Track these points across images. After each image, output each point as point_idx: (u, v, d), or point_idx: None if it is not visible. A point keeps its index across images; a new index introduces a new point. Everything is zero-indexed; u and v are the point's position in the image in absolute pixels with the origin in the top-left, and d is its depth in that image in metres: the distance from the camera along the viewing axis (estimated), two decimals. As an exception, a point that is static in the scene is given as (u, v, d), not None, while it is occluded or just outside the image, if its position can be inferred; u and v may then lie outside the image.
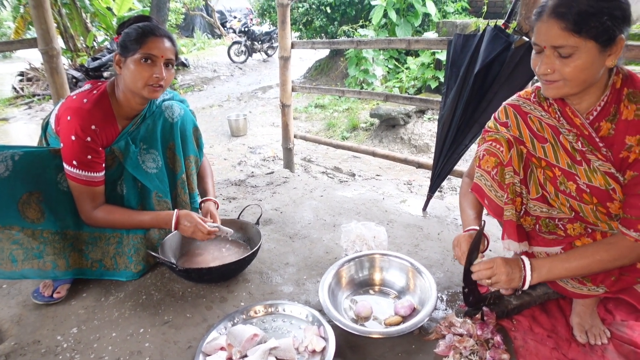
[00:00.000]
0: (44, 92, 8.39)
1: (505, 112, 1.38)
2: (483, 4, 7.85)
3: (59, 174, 1.56)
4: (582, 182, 1.23)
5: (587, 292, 1.34)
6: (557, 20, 1.08)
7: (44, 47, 2.61)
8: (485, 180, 1.36)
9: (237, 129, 6.36)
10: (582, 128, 1.23)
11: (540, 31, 1.13)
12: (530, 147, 1.32)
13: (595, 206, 1.23)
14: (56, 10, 8.39)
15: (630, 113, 1.15)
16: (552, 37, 1.10)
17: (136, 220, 1.66)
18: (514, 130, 1.34)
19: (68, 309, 1.64)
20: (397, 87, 6.77)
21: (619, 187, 1.19)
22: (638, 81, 1.18)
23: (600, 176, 1.20)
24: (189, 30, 18.19)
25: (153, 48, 1.53)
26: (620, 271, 1.28)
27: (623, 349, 1.38)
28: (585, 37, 1.07)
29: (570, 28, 1.07)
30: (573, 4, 1.07)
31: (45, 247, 1.58)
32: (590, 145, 1.22)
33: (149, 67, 1.53)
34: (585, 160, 1.22)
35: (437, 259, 1.94)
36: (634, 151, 1.15)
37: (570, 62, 1.10)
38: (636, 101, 1.15)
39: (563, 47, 1.09)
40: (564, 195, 1.28)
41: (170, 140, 1.79)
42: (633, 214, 1.16)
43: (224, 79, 10.48)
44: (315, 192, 2.77)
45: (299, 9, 8.72)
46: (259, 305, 1.54)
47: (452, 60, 2.25)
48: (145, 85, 1.54)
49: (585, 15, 1.05)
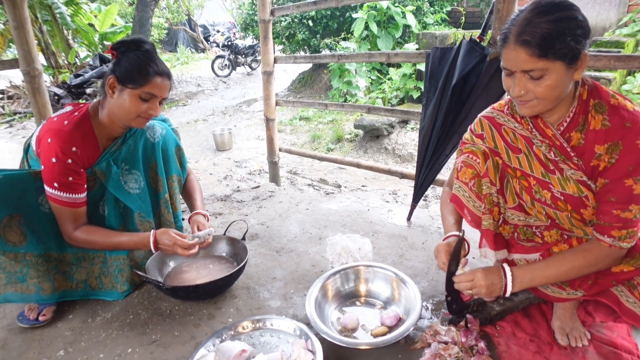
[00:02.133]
0: (25, 109, 8.29)
1: (480, 124, 1.43)
2: (461, 15, 8.03)
3: (40, 196, 1.56)
4: (556, 190, 1.28)
5: (566, 296, 1.39)
6: (523, 47, 1.12)
7: (26, 68, 2.60)
8: (464, 191, 1.40)
9: (223, 143, 6.36)
10: (554, 139, 1.28)
11: (509, 57, 1.17)
12: (506, 158, 1.37)
13: (570, 213, 1.28)
14: (37, 27, 8.33)
15: (598, 123, 1.20)
16: (521, 63, 1.14)
17: (115, 242, 1.64)
18: (489, 141, 1.39)
19: (54, 332, 1.62)
20: (380, 97, 6.86)
21: (591, 194, 1.23)
22: (602, 92, 1.23)
23: (573, 184, 1.24)
24: (172, 45, 18.20)
25: (155, 88, 1.54)
26: (597, 275, 1.32)
27: (603, 349, 1.42)
28: (552, 59, 1.11)
29: (537, 54, 1.11)
30: (535, 30, 1.10)
31: (29, 270, 1.57)
32: (562, 155, 1.27)
33: (145, 103, 1.55)
34: (558, 169, 1.27)
35: (421, 268, 1.97)
36: (603, 159, 1.19)
37: (542, 83, 1.15)
38: (602, 111, 1.20)
39: (533, 70, 1.14)
40: (540, 203, 1.32)
41: (152, 160, 1.80)
42: (605, 220, 1.21)
43: (208, 93, 10.48)
44: (301, 205, 2.79)
45: (282, 22, 8.81)
46: (246, 321, 1.55)
47: (431, 72, 2.30)
48: (136, 117, 1.56)
49: (548, 39, 1.09)
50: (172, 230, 1.67)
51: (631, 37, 5.31)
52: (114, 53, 1.56)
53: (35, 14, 8.15)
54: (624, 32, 5.48)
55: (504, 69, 1.21)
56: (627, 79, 4.97)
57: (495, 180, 1.36)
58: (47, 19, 8.46)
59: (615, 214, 1.19)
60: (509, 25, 1.18)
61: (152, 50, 1.59)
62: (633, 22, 5.58)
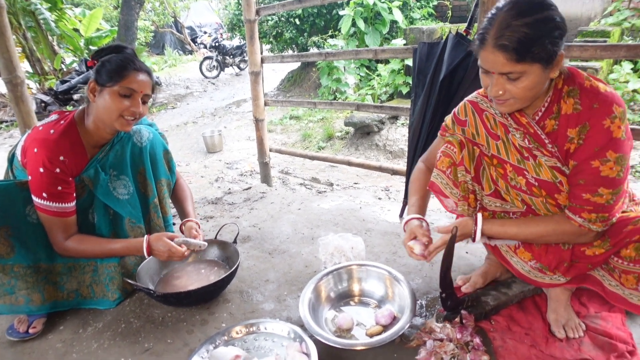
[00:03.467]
0: (11, 118, 8.19)
1: (464, 109, 1.46)
2: (448, 9, 8.04)
3: (27, 207, 1.53)
4: (530, 176, 1.31)
5: (549, 280, 1.41)
6: (501, 52, 1.12)
7: (8, 76, 2.55)
8: (442, 178, 1.45)
9: (213, 145, 6.33)
10: (528, 126, 1.31)
11: (487, 59, 1.17)
12: (485, 145, 1.41)
13: (545, 199, 1.31)
14: (21, 34, 8.24)
15: (569, 107, 1.22)
16: (499, 66, 1.15)
17: (107, 249, 1.63)
18: (472, 127, 1.43)
19: (45, 344, 1.60)
20: (369, 94, 6.85)
21: (565, 179, 1.26)
22: (578, 77, 1.23)
23: (547, 170, 1.27)
24: (159, 47, 18.07)
25: (133, 82, 1.52)
26: (571, 258, 1.34)
27: (598, 340, 1.42)
28: (530, 62, 1.12)
29: (515, 58, 1.11)
30: (513, 34, 1.10)
31: (17, 282, 1.54)
32: (536, 142, 1.30)
33: (126, 99, 1.52)
34: (532, 156, 1.31)
35: (415, 265, 1.96)
36: (573, 142, 1.22)
37: (519, 84, 1.17)
38: (574, 95, 1.22)
39: (511, 73, 1.15)
40: (515, 190, 1.36)
41: (141, 165, 1.78)
42: (577, 203, 1.24)
43: (197, 95, 10.42)
44: (292, 205, 2.78)
45: (268, 22, 8.76)
46: (240, 326, 1.53)
47: (419, 68, 2.30)
48: (119, 117, 1.53)
49: (527, 44, 1.10)
50: (165, 235, 1.64)
51: (616, 26, 5.34)
52: (94, 62, 1.56)
53: (18, 20, 8.05)
54: (609, 21, 5.51)
55: (481, 67, 1.22)
56: (614, 68, 5.00)
57: (470, 169, 1.41)
58: (31, 25, 8.35)
59: (585, 197, 1.21)
60: (486, 25, 1.17)
61: (131, 52, 1.59)
62: (618, 11, 5.61)
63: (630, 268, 1.24)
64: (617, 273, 1.29)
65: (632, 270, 1.24)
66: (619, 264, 1.27)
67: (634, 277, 1.25)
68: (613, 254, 1.27)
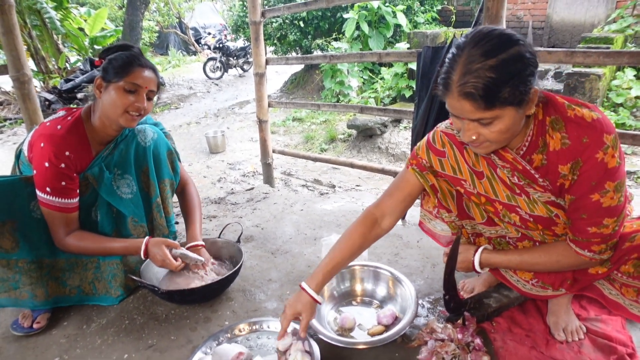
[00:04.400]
0: (15, 116, 8.22)
1: (441, 140, 1.34)
2: (452, 14, 8.07)
3: (32, 202, 1.55)
4: (524, 212, 1.25)
5: (551, 293, 1.40)
6: (467, 100, 1.02)
7: (15, 74, 2.58)
8: (429, 218, 1.51)
9: (216, 145, 6.35)
10: (515, 162, 1.21)
11: (454, 107, 1.07)
12: (470, 184, 1.31)
13: (542, 231, 1.28)
14: (26, 32, 8.27)
15: (557, 143, 1.13)
16: (468, 114, 1.06)
17: (106, 248, 1.63)
18: (452, 160, 1.32)
19: (49, 339, 1.61)
20: (372, 97, 6.87)
21: (561, 211, 1.21)
22: (558, 105, 1.14)
23: (542, 206, 1.21)
24: (163, 48, 18.11)
25: (138, 78, 1.54)
26: (574, 276, 1.34)
27: (598, 343, 1.43)
28: (501, 107, 1.03)
29: (482, 106, 1.02)
30: (478, 80, 0.99)
31: (21, 277, 1.56)
32: (526, 178, 1.21)
33: (130, 95, 1.54)
34: (524, 192, 1.23)
35: (417, 266, 1.97)
36: (567, 178, 1.15)
37: (492, 128, 1.07)
38: (559, 128, 1.12)
39: (482, 119, 1.06)
40: (509, 224, 1.33)
41: (144, 164, 1.79)
42: (583, 237, 1.18)
43: (200, 95, 10.45)
44: (295, 206, 2.79)
45: (273, 24, 8.80)
46: (243, 323, 1.54)
47: (423, 72, 2.31)
48: (124, 112, 1.55)
49: (494, 89, 0.99)
50: (164, 243, 1.65)
51: (620, 33, 5.36)
52: (102, 60, 1.59)
53: (24, 19, 8.09)
54: (613, 28, 5.53)
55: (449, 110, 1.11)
56: (617, 75, 5.02)
57: (451, 207, 1.43)
58: (37, 24, 8.40)
59: (592, 231, 1.15)
60: (447, 68, 1.07)
61: (137, 51, 1.62)
62: (621, 18, 5.63)
63: (630, 282, 1.25)
64: (618, 284, 1.29)
65: (631, 284, 1.25)
66: (618, 277, 1.27)
67: (633, 290, 1.25)
68: (615, 270, 1.27)
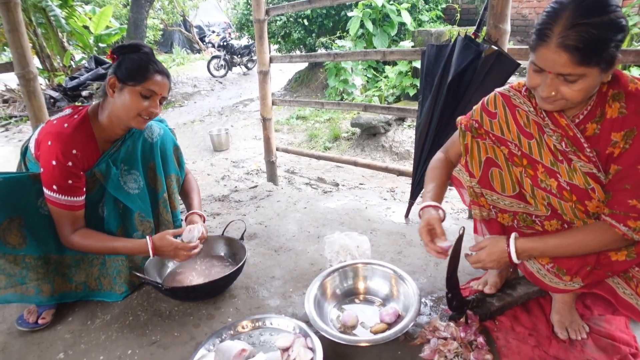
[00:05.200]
0: (21, 113, 8.26)
1: (494, 101, 1.40)
2: (456, 12, 8.04)
3: (39, 199, 1.56)
4: (563, 179, 1.26)
5: (563, 286, 1.37)
6: (567, 52, 1.05)
7: (21, 71, 2.60)
8: (463, 173, 1.48)
9: (220, 143, 6.36)
10: (567, 129, 1.25)
11: (546, 58, 1.10)
12: (516, 142, 1.34)
13: (574, 204, 1.26)
14: (31, 30, 8.32)
15: (615, 111, 1.18)
16: (560, 67, 1.08)
17: (110, 247, 1.63)
18: (502, 121, 1.37)
19: (54, 335, 1.62)
20: (376, 95, 6.86)
21: (598, 187, 1.21)
22: (622, 79, 1.19)
23: (580, 175, 1.22)
24: (167, 46, 18.16)
25: (155, 85, 1.57)
26: (595, 264, 1.31)
27: (601, 342, 1.43)
28: (592, 66, 1.07)
29: (578, 60, 1.05)
30: (581, 34, 1.03)
31: (28, 273, 1.57)
32: (574, 146, 1.24)
33: (145, 100, 1.57)
34: (566, 159, 1.25)
35: (420, 264, 1.97)
36: (618, 146, 1.17)
37: (575, 87, 1.11)
38: (619, 99, 1.17)
39: (570, 75, 1.09)
40: (545, 192, 1.30)
41: (151, 160, 1.80)
42: (621, 210, 1.18)
43: (204, 93, 10.46)
44: (298, 204, 2.80)
45: (277, 22, 8.79)
46: (246, 320, 1.55)
47: (427, 70, 2.31)
48: (137, 115, 1.57)
49: (594, 47, 1.04)
50: (168, 233, 1.66)
51: (626, 31, 5.32)
52: (114, 57, 1.60)
53: (29, 17, 8.14)
54: (619, 26, 5.49)
55: (534, 64, 1.15)
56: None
57: (474, 172, 1.43)
58: (42, 21, 8.44)
59: (632, 204, 1.16)
60: (546, 20, 1.10)
61: (150, 52, 1.64)
62: (628, 16, 5.60)
63: None
64: (635, 282, 1.28)
65: None
66: (639, 274, 1.26)
67: None
68: (636, 264, 1.25)
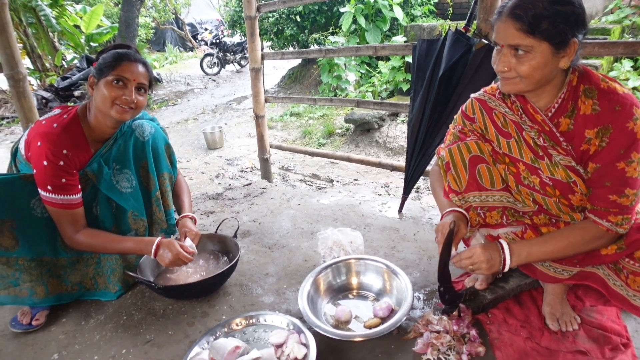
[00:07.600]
0: (12, 114, 8.20)
1: (472, 107, 1.46)
2: (449, 7, 8.03)
3: (32, 200, 1.55)
4: (545, 175, 1.30)
5: (553, 273, 1.41)
6: (514, 21, 1.15)
7: (9, 72, 2.57)
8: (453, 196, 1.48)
9: (213, 141, 6.34)
10: (543, 124, 1.30)
11: (499, 30, 1.20)
12: (496, 143, 1.39)
13: (558, 199, 1.30)
14: (22, 30, 8.25)
15: (588, 108, 1.21)
16: (509, 37, 1.17)
17: (118, 246, 1.64)
18: (480, 124, 1.43)
19: (48, 336, 1.62)
20: (370, 91, 6.86)
21: (579, 180, 1.25)
22: (593, 77, 1.23)
23: (562, 170, 1.26)
24: (160, 44, 18.05)
25: (126, 71, 1.55)
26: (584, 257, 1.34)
27: (593, 333, 1.44)
28: (539, 38, 1.13)
29: (525, 29, 1.13)
30: (529, 6, 1.13)
31: (21, 275, 1.56)
32: (551, 140, 1.29)
33: (119, 88, 1.55)
34: (547, 155, 1.29)
35: (413, 259, 1.98)
36: (593, 143, 1.21)
37: (525, 61, 1.17)
38: (592, 96, 1.21)
39: (519, 46, 1.16)
40: (528, 189, 1.34)
41: (143, 158, 1.80)
42: (601, 206, 1.22)
43: (197, 91, 10.42)
44: (292, 201, 2.80)
45: (269, 19, 8.76)
46: (239, 318, 1.55)
47: (418, 64, 2.31)
48: (113, 104, 1.55)
49: (539, 18, 1.12)
50: (176, 242, 1.66)
51: (617, 23, 5.34)
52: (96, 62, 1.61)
53: (19, 16, 8.07)
54: (610, 19, 5.51)
55: (494, 43, 1.24)
56: (614, 66, 5.01)
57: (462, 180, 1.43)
58: (32, 21, 8.37)
59: (612, 199, 1.20)
60: (508, 1, 1.20)
61: (129, 48, 1.63)
62: (619, 9, 5.61)
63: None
64: (625, 273, 1.29)
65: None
66: (629, 265, 1.27)
67: None
68: (625, 255, 1.27)
